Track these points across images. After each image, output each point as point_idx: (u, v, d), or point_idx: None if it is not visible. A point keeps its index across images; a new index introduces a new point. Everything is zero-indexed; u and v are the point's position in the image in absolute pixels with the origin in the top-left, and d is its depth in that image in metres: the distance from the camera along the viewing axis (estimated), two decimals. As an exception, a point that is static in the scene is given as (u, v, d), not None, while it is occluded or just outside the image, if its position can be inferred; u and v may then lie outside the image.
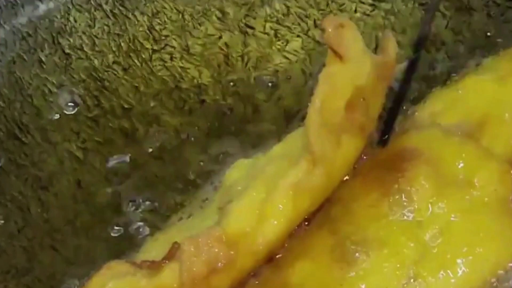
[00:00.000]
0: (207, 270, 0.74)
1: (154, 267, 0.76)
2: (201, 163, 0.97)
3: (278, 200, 0.78)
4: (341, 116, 0.79)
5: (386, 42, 0.83)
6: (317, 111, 0.77)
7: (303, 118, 0.79)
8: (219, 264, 0.75)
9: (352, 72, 0.79)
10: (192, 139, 0.99)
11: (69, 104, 0.99)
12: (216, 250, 0.75)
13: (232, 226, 0.77)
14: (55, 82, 1.00)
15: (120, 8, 1.02)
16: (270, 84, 1.02)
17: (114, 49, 1.02)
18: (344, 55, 0.79)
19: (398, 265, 0.80)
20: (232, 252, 0.76)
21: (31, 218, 0.94)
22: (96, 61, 1.01)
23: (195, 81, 1.02)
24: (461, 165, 0.85)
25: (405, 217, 0.83)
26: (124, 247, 0.92)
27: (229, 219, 0.77)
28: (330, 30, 0.79)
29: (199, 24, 1.04)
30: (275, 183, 0.78)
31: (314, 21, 1.04)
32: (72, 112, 0.98)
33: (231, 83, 1.02)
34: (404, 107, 0.94)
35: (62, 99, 0.98)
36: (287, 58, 1.03)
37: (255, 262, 0.79)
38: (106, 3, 1.02)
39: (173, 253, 0.76)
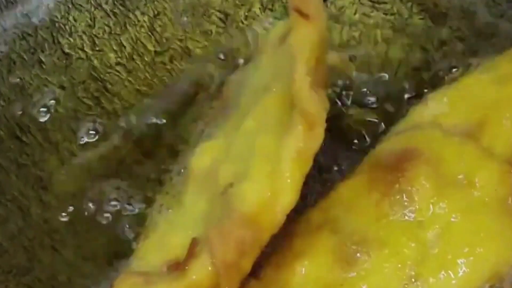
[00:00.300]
0: (238, 256, 0.76)
1: (180, 268, 0.77)
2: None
3: (287, 171, 0.78)
4: (316, 72, 0.79)
5: None
6: (304, 75, 0.78)
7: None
8: (248, 247, 0.77)
9: (318, 28, 0.80)
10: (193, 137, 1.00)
11: (91, 132, 0.99)
12: (242, 233, 0.76)
13: (249, 206, 0.77)
14: (55, 82, 1.00)
15: (120, 7, 1.02)
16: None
17: (115, 48, 1.02)
18: (310, 13, 0.79)
19: (399, 265, 0.80)
20: (256, 232, 0.77)
21: (32, 218, 0.94)
22: (96, 61, 1.01)
23: (195, 81, 1.02)
24: (461, 165, 0.85)
25: (406, 217, 0.83)
26: (122, 248, 0.92)
27: (243, 200, 0.78)
28: None
29: (200, 24, 1.04)
30: (276, 155, 0.78)
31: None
32: (94, 139, 0.99)
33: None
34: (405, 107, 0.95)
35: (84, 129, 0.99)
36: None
37: (273, 234, 0.79)
38: (106, 2, 1.02)
39: (193, 249, 0.77)
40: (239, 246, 0.76)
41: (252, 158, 0.80)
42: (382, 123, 0.95)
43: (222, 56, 1.02)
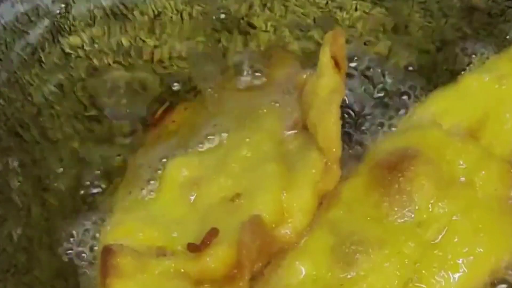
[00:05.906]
0: (257, 255, 0.82)
1: (197, 250, 0.82)
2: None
3: (304, 196, 0.86)
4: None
5: None
6: (338, 119, 0.85)
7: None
8: (266, 248, 0.83)
9: (343, 79, 0.89)
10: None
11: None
12: (263, 237, 0.83)
13: (266, 214, 0.84)
14: (55, 81, 1.00)
15: (120, 7, 1.02)
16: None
17: (114, 48, 1.02)
18: (342, 64, 0.88)
19: (398, 265, 0.81)
20: (272, 237, 0.84)
21: (31, 217, 0.94)
22: (95, 60, 1.01)
23: (195, 79, 1.02)
24: (462, 165, 0.85)
25: (406, 217, 0.83)
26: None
27: (259, 209, 0.84)
28: (336, 43, 0.88)
29: (199, 22, 1.04)
30: (290, 179, 0.86)
31: (314, 19, 1.04)
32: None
33: (231, 81, 1.03)
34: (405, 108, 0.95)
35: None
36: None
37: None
38: (106, 2, 1.02)
39: (211, 238, 0.82)
40: (262, 247, 0.82)
41: (261, 178, 0.87)
42: (383, 123, 0.95)
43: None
